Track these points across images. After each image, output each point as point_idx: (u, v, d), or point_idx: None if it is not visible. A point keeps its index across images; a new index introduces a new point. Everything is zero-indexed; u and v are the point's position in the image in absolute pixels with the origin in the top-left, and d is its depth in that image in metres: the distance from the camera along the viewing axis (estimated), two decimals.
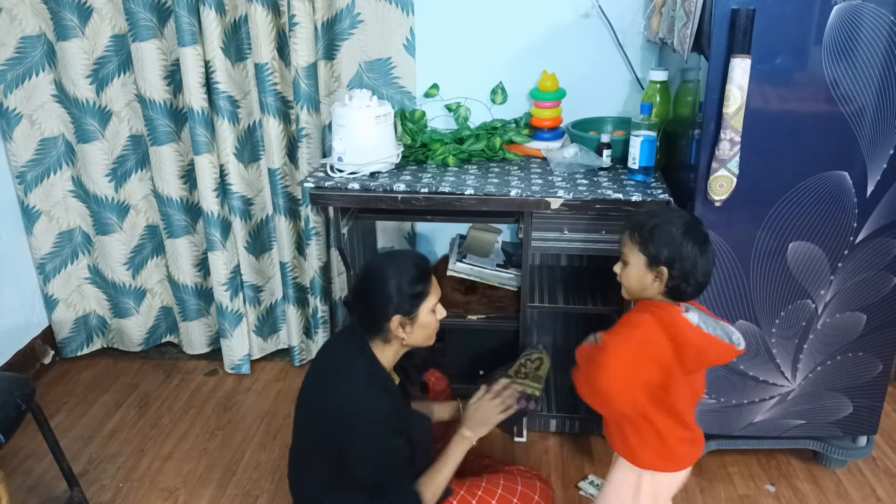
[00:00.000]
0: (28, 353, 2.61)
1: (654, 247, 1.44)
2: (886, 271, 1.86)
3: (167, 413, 2.47)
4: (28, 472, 2.18)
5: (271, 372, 2.70)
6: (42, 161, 2.50)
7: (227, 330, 2.61)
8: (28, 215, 2.53)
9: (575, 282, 2.37)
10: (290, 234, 2.50)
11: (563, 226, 2.00)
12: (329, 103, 2.37)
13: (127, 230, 2.61)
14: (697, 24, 1.71)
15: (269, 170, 2.42)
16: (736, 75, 1.61)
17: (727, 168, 1.71)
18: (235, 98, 2.35)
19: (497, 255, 2.34)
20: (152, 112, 2.38)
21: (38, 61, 2.40)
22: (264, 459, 2.24)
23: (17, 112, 2.40)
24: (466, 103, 2.41)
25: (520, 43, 2.34)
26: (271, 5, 2.22)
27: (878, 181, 1.76)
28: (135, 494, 2.11)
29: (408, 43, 2.32)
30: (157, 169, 2.47)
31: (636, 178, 2.03)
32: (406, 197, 1.97)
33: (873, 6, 1.60)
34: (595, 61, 2.33)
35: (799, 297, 1.89)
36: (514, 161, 2.25)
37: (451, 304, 2.24)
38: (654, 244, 1.45)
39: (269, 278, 2.67)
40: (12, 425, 1.73)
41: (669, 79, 2.09)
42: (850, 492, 2.07)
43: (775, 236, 1.83)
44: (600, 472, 2.14)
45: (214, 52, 2.24)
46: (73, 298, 2.71)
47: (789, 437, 2.09)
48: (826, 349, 1.95)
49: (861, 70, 1.66)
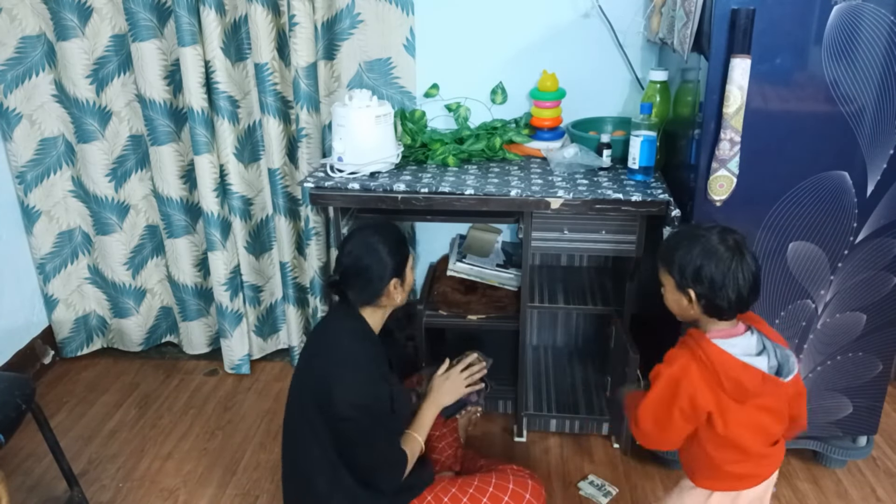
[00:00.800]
0: (28, 353, 2.61)
1: (676, 269, 1.42)
2: (886, 271, 1.86)
3: (167, 413, 2.47)
4: (28, 472, 2.18)
5: (271, 372, 2.70)
6: (42, 161, 2.50)
7: (227, 330, 2.61)
8: (28, 215, 2.53)
9: (575, 282, 2.37)
10: (290, 234, 2.50)
11: (563, 226, 2.00)
12: (329, 103, 2.37)
13: (127, 230, 2.61)
14: (697, 24, 1.71)
15: (269, 170, 2.42)
16: (736, 75, 1.61)
17: (727, 168, 1.71)
18: (235, 98, 2.35)
19: (497, 255, 2.34)
20: (152, 112, 2.38)
21: (38, 61, 2.40)
22: (264, 459, 2.24)
23: (17, 112, 2.40)
24: (466, 103, 2.41)
25: (520, 43, 2.34)
26: (271, 5, 2.22)
27: (878, 181, 1.76)
28: (135, 494, 2.11)
29: (408, 43, 2.32)
30: (157, 169, 2.47)
31: (636, 178, 2.03)
32: (406, 197, 1.97)
33: (873, 6, 1.60)
34: (595, 61, 2.33)
35: (799, 297, 1.89)
36: (514, 161, 2.25)
37: (451, 304, 2.24)
38: (675, 266, 1.42)
39: (269, 278, 2.67)
40: (12, 425, 1.73)
41: (669, 79, 2.09)
42: (850, 492, 2.07)
43: (775, 236, 1.83)
44: (600, 472, 2.14)
45: (214, 52, 2.24)
46: (73, 298, 2.71)
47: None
48: (826, 349, 1.95)
49: (861, 70, 1.66)
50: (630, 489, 2.08)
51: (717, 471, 1.47)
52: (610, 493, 2.06)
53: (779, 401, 1.43)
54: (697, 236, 1.42)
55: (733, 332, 1.43)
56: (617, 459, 2.20)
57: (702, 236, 1.41)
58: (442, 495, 1.70)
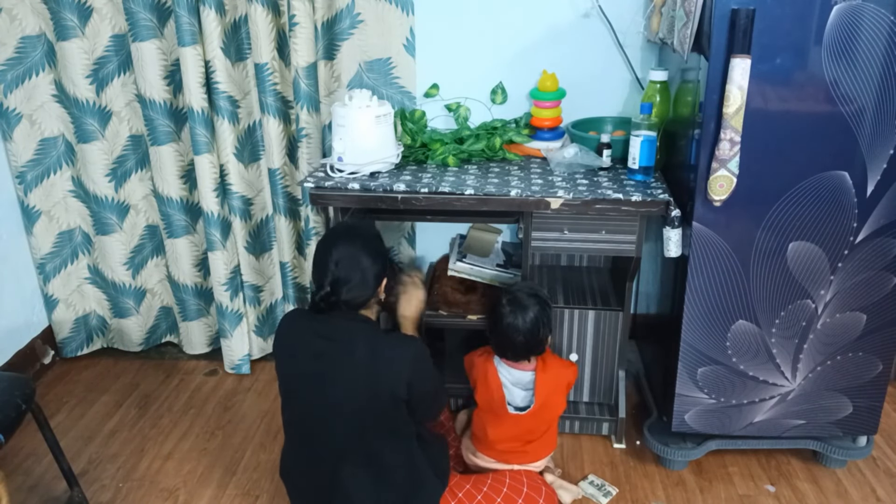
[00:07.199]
0: (28, 353, 2.61)
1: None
2: (886, 271, 1.86)
3: (167, 413, 2.47)
4: (28, 472, 2.18)
5: (271, 372, 2.70)
6: (42, 161, 2.50)
7: (227, 330, 2.61)
8: (28, 215, 2.53)
9: (575, 282, 2.37)
10: (290, 234, 2.50)
11: (563, 226, 2.00)
12: (329, 103, 2.37)
13: (127, 230, 2.61)
14: (697, 24, 1.71)
15: (269, 170, 2.42)
16: (736, 75, 1.61)
17: (727, 168, 1.71)
18: (235, 98, 2.35)
19: (497, 255, 2.34)
20: (152, 112, 2.38)
21: (38, 61, 2.40)
22: (264, 459, 2.24)
23: (17, 112, 2.40)
24: (466, 103, 2.41)
25: (520, 43, 2.34)
26: (271, 5, 2.22)
27: (878, 181, 1.76)
28: (135, 494, 2.11)
29: (408, 43, 2.32)
30: (157, 169, 2.47)
31: (636, 178, 2.03)
32: (406, 197, 1.97)
33: (873, 6, 1.60)
34: (595, 61, 2.33)
35: (799, 297, 1.89)
36: (514, 161, 2.25)
37: (451, 304, 2.24)
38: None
39: (269, 278, 2.67)
40: (12, 425, 1.72)
41: (669, 79, 2.09)
42: (850, 492, 2.07)
43: (775, 236, 1.83)
44: (600, 472, 2.14)
45: (214, 52, 2.24)
46: (73, 298, 2.71)
47: (789, 437, 2.09)
48: (826, 349, 1.95)
49: (861, 70, 1.66)
50: (630, 489, 2.08)
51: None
52: (610, 493, 2.06)
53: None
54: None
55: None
56: (617, 459, 2.20)
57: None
58: (456, 490, 1.71)
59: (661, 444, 2.11)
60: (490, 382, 1.92)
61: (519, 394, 1.93)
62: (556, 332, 2.17)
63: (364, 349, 1.60)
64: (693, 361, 1.98)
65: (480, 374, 1.96)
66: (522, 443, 1.95)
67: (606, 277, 2.42)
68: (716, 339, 1.95)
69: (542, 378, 1.91)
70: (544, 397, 1.91)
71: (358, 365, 1.59)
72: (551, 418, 1.97)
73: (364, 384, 1.59)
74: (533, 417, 1.92)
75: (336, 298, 1.63)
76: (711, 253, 1.85)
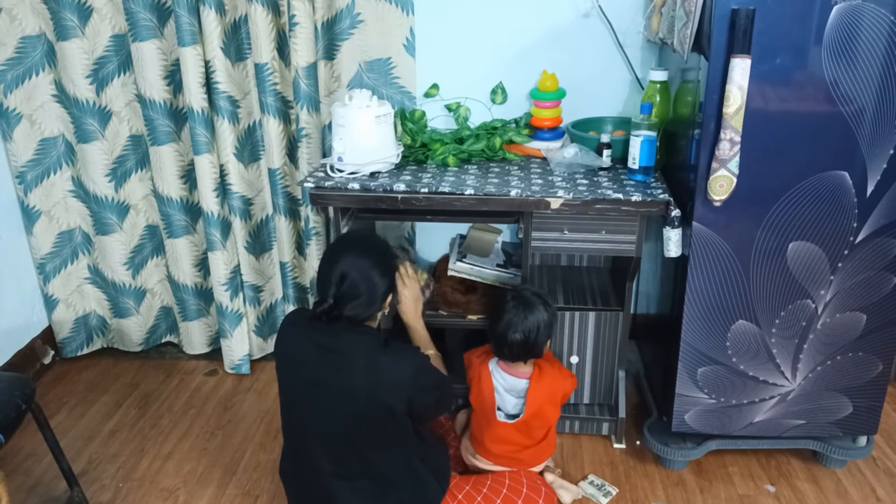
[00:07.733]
0: (28, 353, 2.61)
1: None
2: (886, 271, 1.86)
3: (167, 413, 2.47)
4: (28, 472, 2.18)
5: (271, 372, 2.70)
6: (42, 161, 2.50)
7: (227, 330, 2.61)
8: (28, 215, 2.53)
9: (575, 282, 2.37)
10: (290, 234, 2.50)
11: (563, 226, 2.00)
12: (329, 103, 2.37)
13: (127, 230, 2.61)
14: (697, 24, 1.71)
15: (269, 170, 2.42)
16: (736, 75, 1.61)
17: (727, 168, 1.71)
18: (235, 98, 2.35)
19: (497, 255, 2.34)
20: (152, 112, 2.38)
21: (38, 61, 2.40)
22: (264, 459, 2.24)
23: (17, 112, 2.40)
24: (466, 103, 2.41)
25: (520, 43, 2.34)
26: (271, 5, 2.22)
27: (878, 181, 1.76)
28: (135, 494, 2.11)
29: (408, 43, 2.32)
30: (157, 169, 2.47)
31: (636, 178, 2.03)
32: (406, 197, 1.97)
33: (873, 6, 1.60)
34: (595, 61, 2.33)
35: (799, 297, 1.89)
36: (514, 161, 2.25)
37: (451, 304, 2.24)
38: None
39: (269, 278, 2.67)
40: (12, 425, 1.72)
41: (669, 79, 2.09)
42: (850, 492, 2.07)
43: (775, 236, 1.83)
44: (600, 472, 2.14)
45: (214, 52, 2.24)
46: (73, 298, 2.71)
47: (789, 437, 2.09)
48: (826, 349, 1.95)
49: (861, 70, 1.66)
50: (630, 489, 2.08)
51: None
52: (610, 493, 2.06)
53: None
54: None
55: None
56: (617, 459, 2.20)
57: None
58: (456, 492, 1.71)
59: (661, 444, 2.11)
60: (483, 386, 1.92)
61: (511, 401, 1.92)
62: (557, 333, 2.17)
63: (364, 364, 1.57)
64: (693, 361, 1.98)
65: (475, 375, 1.96)
66: (518, 448, 1.94)
67: (606, 277, 2.42)
68: (716, 339, 1.95)
69: (535, 388, 1.90)
70: (535, 407, 1.89)
71: (357, 379, 1.56)
72: (544, 427, 1.96)
73: (363, 398, 1.56)
74: (523, 426, 1.91)
75: (339, 313, 1.59)
76: (711, 253, 1.85)
